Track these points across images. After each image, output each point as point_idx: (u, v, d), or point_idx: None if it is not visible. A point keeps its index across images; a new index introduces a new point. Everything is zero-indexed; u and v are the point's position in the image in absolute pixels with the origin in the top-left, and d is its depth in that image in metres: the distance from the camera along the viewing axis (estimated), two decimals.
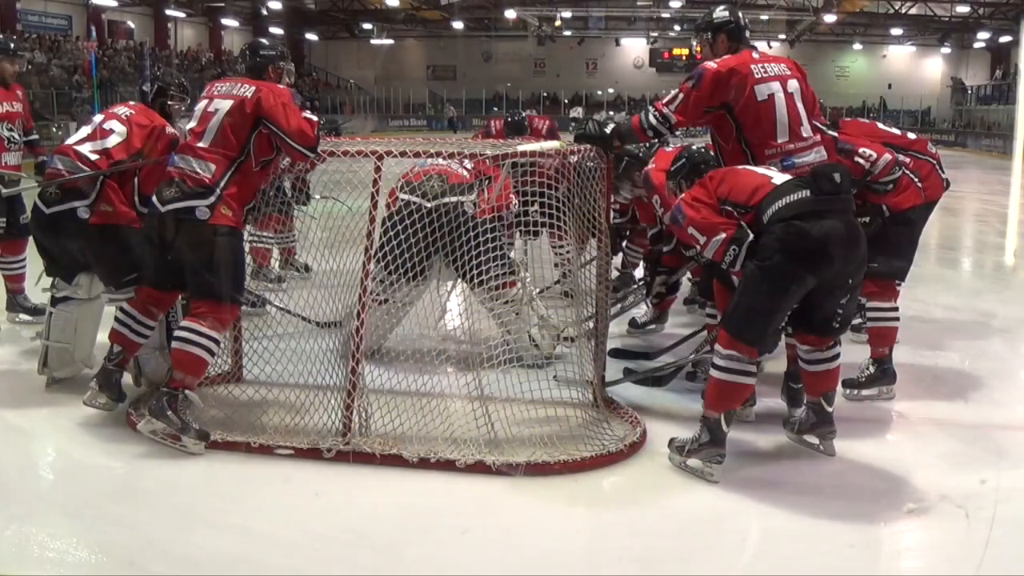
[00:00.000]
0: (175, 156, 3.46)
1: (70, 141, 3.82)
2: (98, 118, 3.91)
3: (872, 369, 3.93)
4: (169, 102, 3.99)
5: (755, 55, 3.56)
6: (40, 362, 3.91)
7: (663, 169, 3.93)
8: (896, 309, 4.00)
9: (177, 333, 3.37)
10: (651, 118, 3.51)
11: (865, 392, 3.90)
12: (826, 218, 2.99)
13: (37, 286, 4.31)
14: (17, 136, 4.99)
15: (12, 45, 5.16)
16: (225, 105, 3.41)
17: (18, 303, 5.05)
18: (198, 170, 3.35)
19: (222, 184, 3.35)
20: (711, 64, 3.49)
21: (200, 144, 3.39)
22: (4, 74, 5.02)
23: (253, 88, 3.43)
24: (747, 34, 3.68)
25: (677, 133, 4.13)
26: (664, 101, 3.53)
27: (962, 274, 7.97)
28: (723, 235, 3.07)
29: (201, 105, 3.49)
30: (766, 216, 3.03)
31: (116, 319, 3.59)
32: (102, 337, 3.80)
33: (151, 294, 3.56)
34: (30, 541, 2.64)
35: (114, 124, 3.81)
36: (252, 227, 4.37)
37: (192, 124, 3.47)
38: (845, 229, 3.02)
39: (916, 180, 4.03)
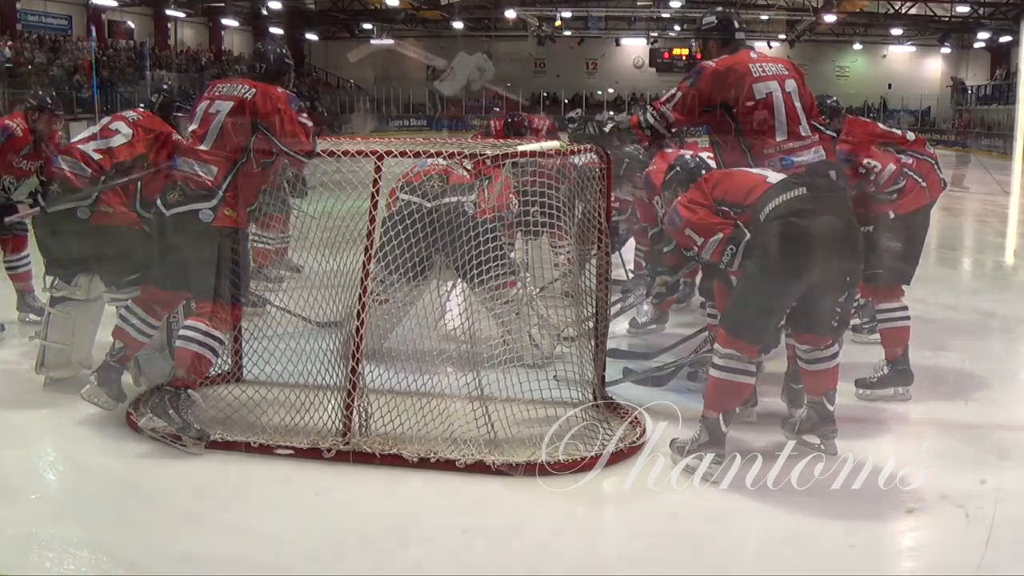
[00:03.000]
0: (177, 159, 3.47)
1: (75, 140, 3.83)
2: (105, 119, 3.93)
3: (886, 370, 3.91)
4: (176, 113, 4.00)
5: (753, 55, 3.57)
6: (37, 362, 3.91)
7: (664, 170, 3.93)
8: (905, 308, 3.98)
9: (180, 332, 3.39)
10: (649, 117, 3.53)
11: (879, 392, 3.88)
12: (822, 215, 3.00)
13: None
14: (12, 189, 4.73)
15: (51, 103, 4.79)
16: (226, 106, 3.41)
17: (27, 303, 5.04)
18: (200, 173, 3.36)
19: (224, 186, 3.35)
20: (709, 63, 3.51)
21: (202, 146, 3.40)
22: (39, 132, 4.72)
23: (253, 90, 3.43)
24: (743, 35, 3.69)
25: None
26: (662, 100, 3.54)
27: (962, 274, 7.97)
28: (720, 235, 3.08)
29: (202, 106, 3.49)
30: (762, 214, 3.04)
31: (120, 316, 3.60)
32: (101, 337, 3.80)
33: (156, 294, 3.57)
34: (30, 541, 2.64)
35: (120, 125, 3.85)
36: (254, 227, 4.36)
37: (194, 126, 3.48)
38: (841, 226, 3.03)
39: (920, 181, 4.03)
